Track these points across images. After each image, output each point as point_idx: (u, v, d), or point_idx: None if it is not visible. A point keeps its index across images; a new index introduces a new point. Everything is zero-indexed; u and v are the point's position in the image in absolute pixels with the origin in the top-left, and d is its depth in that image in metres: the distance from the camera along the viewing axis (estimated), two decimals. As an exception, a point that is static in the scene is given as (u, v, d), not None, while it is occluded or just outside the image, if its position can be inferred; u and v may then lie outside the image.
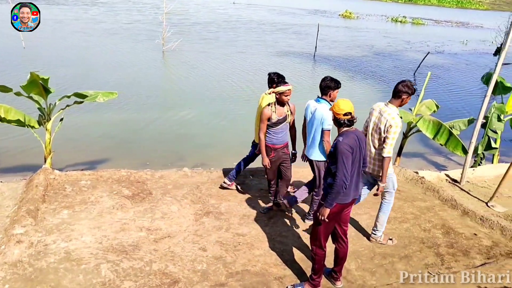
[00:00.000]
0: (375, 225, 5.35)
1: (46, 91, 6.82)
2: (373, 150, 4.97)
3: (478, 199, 6.79)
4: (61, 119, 7.32)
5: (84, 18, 25.99)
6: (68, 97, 7.10)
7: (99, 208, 5.40)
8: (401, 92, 4.83)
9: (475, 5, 65.93)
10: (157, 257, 4.59)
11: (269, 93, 5.32)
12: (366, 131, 5.07)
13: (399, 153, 8.68)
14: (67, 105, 7.22)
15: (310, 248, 4.30)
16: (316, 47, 21.88)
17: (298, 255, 4.92)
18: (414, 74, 19.04)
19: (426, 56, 20.19)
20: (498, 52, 7.28)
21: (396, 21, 41.85)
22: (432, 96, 10.47)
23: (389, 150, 4.79)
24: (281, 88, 5.22)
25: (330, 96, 5.18)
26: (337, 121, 4.03)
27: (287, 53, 21.32)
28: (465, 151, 7.25)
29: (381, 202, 5.33)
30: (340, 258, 4.39)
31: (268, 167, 5.45)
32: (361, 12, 45.52)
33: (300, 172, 7.10)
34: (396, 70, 19.80)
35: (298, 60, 19.94)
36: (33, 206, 5.18)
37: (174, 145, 9.58)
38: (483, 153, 8.59)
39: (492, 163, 8.86)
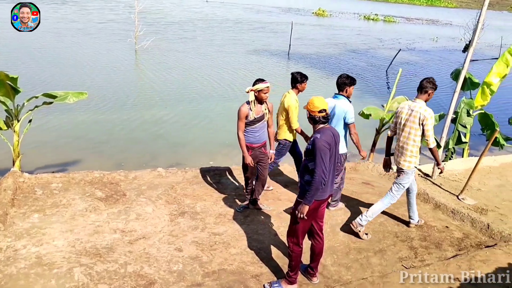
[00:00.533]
0: (366, 212, 5.39)
1: (14, 91, 6.63)
2: (405, 145, 5.28)
3: (450, 192, 6.94)
4: (30, 121, 7.13)
5: (54, 18, 25.39)
6: (37, 97, 6.92)
7: (71, 211, 5.29)
8: (427, 88, 5.17)
9: (445, 3, 67.44)
10: (132, 259, 4.52)
11: (247, 91, 5.30)
12: (395, 130, 5.45)
13: (372, 149, 8.79)
14: (36, 106, 7.04)
15: (287, 245, 4.31)
16: (290, 45, 21.98)
17: (274, 252, 4.93)
18: (386, 71, 19.34)
19: (398, 53, 20.54)
20: (466, 48, 7.47)
21: (369, 19, 42.43)
22: (404, 93, 10.63)
23: (432, 141, 5.15)
24: (259, 86, 5.20)
25: (346, 92, 5.55)
26: (312, 119, 4.06)
27: (262, 51, 21.35)
28: (437, 146, 7.40)
29: (388, 193, 5.48)
30: (316, 254, 4.41)
31: (251, 165, 5.42)
32: (334, 10, 45.98)
33: (276, 170, 7.13)
34: (369, 67, 20.08)
35: (273, 59, 19.99)
36: (2, 210, 5.03)
37: (148, 145, 9.46)
38: (453, 148, 8.78)
39: (462, 157, 9.07)
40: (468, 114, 8.38)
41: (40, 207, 5.31)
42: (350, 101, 5.62)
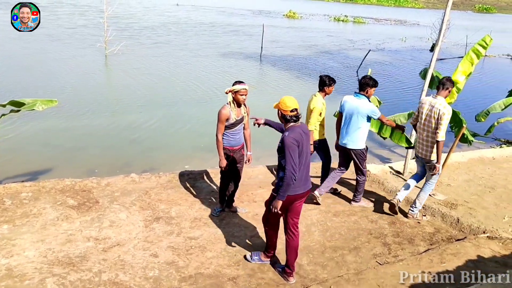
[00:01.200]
0: (414, 203, 6.03)
1: (-21, 100, 6.44)
2: (425, 137, 5.73)
3: (420, 188, 7.10)
4: (-3, 129, 6.94)
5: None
6: (4, 106, 6.74)
7: (42, 221, 5.17)
8: (448, 85, 5.66)
9: (412, 4, 68.91)
10: (106, 266, 4.46)
11: (226, 92, 5.33)
12: (416, 123, 5.92)
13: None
14: (3, 114, 6.85)
15: (264, 230, 4.69)
16: (262, 48, 22.07)
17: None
18: (357, 71, 19.62)
19: (367, 53, 20.88)
20: (433, 48, 7.69)
21: (339, 20, 42.96)
22: (375, 92, 10.82)
23: (442, 135, 5.53)
24: (236, 87, 5.20)
25: (367, 93, 5.89)
26: (284, 117, 4.21)
27: (234, 54, 21.35)
28: (409, 143, 7.55)
29: (425, 183, 5.99)
30: (291, 249, 4.48)
31: (224, 169, 5.42)
32: (305, 12, 46.34)
33: (250, 172, 7.15)
34: (341, 68, 20.34)
35: (245, 62, 20.02)
36: (-31, 222, 4.89)
37: (121, 151, 9.34)
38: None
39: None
40: (436, 112, 8.58)
41: (10, 218, 5.18)
42: (370, 101, 5.99)
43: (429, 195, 6.81)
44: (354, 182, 7.23)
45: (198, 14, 37.29)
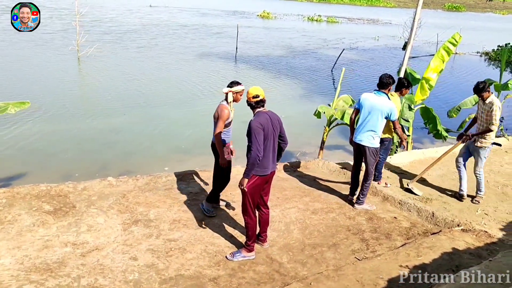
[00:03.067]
0: (479, 191, 6.71)
1: None
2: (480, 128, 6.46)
3: (396, 184, 7.25)
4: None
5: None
6: (-26, 111, 6.57)
7: (17, 227, 5.06)
8: (486, 87, 6.33)
9: (384, 3, 70.05)
10: (85, 271, 4.40)
11: (226, 93, 5.45)
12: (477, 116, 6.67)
13: (321, 147, 9.01)
14: (-26, 120, 6.69)
15: (243, 219, 4.88)
16: (237, 48, 22.09)
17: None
18: (331, 70, 19.85)
19: (341, 53, 21.14)
20: (406, 46, 7.89)
21: (312, 20, 43.34)
22: (349, 91, 10.99)
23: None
24: (238, 88, 5.42)
25: (389, 91, 6.06)
26: (249, 105, 4.64)
27: (210, 55, 21.31)
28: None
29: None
30: (263, 222, 5.04)
31: (224, 166, 5.57)
32: (278, 12, 46.58)
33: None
34: (315, 68, 20.54)
35: (220, 62, 20.02)
36: None
37: (97, 155, 9.22)
38: (398, 142, 9.16)
39: (407, 150, 9.48)
40: (410, 109, 8.77)
41: (-17, 225, 5.05)
42: (389, 99, 6.08)
43: (407, 186, 7.00)
44: (329, 181, 7.35)
45: (172, 15, 37.05)
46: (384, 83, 5.98)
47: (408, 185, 7.06)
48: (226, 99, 5.46)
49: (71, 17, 18.75)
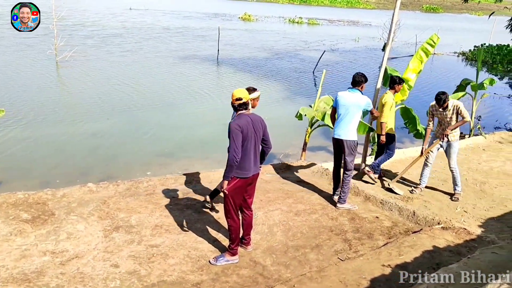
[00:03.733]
0: (456, 184, 6.89)
1: None
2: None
3: (378, 184, 7.32)
4: None
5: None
6: None
7: (-6, 237, 4.95)
8: (447, 98, 6.67)
9: (363, 5, 70.82)
10: (65, 280, 4.32)
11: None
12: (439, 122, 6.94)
13: (303, 148, 9.03)
14: None
15: (227, 222, 4.87)
16: (218, 51, 22.05)
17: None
18: (313, 72, 19.95)
19: (322, 54, 21.27)
20: (385, 47, 7.98)
21: (293, 22, 43.52)
22: (330, 92, 11.04)
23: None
24: (255, 94, 5.34)
25: (362, 88, 6.33)
26: (233, 106, 4.69)
27: (191, 58, 21.23)
28: (371, 130, 7.70)
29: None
30: (246, 225, 5.02)
31: None
32: (260, 14, 46.69)
33: (211, 175, 7.13)
34: (297, 69, 20.62)
35: (202, 65, 19.94)
36: None
37: (77, 161, 9.07)
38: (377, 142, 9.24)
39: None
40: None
41: (-42, 236, 4.92)
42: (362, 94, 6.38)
43: (389, 185, 7.08)
44: (311, 182, 7.37)
45: (152, 18, 36.81)
46: (356, 81, 6.30)
47: (389, 185, 7.13)
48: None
49: (51, 20, 18.41)
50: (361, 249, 5.33)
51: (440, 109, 6.78)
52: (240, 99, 4.60)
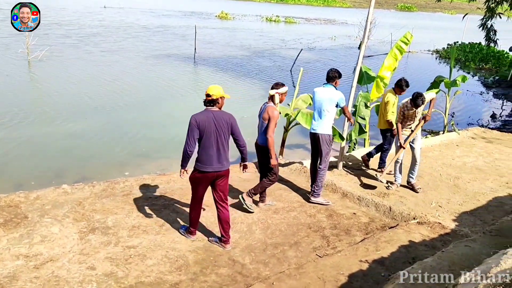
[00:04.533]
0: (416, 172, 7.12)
1: None
2: None
3: (355, 180, 7.40)
4: None
5: None
6: None
7: (-36, 242, 4.80)
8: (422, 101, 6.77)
9: (339, 3, 71.50)
10: (39, 284, 4.22)
11: (272, 94, 5.79)
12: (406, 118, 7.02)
13: (282, 146, 9.06)
14: None
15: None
16: (195, 49, 21.91)
17: (193, 258, 4.90)
18: (290, 70, 20.02)
19: (299, 53, 21.37)
20: (361, 45, 8.07)
21: (270, 20, 43.63)
22: (308, 90, 11.10)
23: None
24: (283, 89, 5.82)
25: (336, 84, 6.45)
26: (203, 101, 4.89)
27: (168, 56, 21.04)
28: (342, 138, 7.82)
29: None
30: (222, 221, 5.08)
31: (276, 166, 5.85)
32: (236, 12, 46.63)
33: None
34: (274, 68, 20.66)
35: (179, 64, 19.78)
36: None
37: (50, 162, 8.87)
38: (355, 139, 9.36)
39: (364, 146, 9.68)
40: (366, 107, 8.98)
41: None
42: (336, 89, 6.47)
43: (365, 186, 7.16)
44: (289, 180, 7.41)
45: (127, 17, 36.36)
46: (330, 77, 6.45)
47: (381, 181, 7.16)
48: (272, 100, 5.75)
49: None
50: (339, 245, 5.38)
51: (413, 108, 6.88)
52: (209, 95, 4.77)
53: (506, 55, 25.03)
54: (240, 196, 6.06)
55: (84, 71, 16.84)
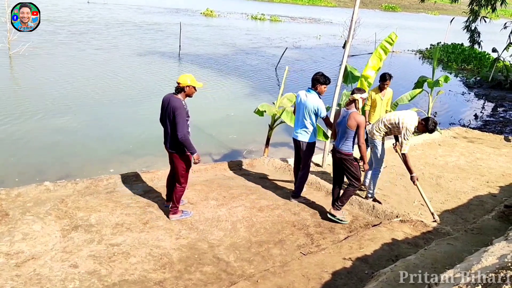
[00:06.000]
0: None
1: None
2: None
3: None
4: None
5: None
6: None
7: None
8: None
9: (325, 2, 71.78)
10: (20, 283, 4.16)
11: (357, 99, 5.63)
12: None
13: (266, 145, 9.08)
14: None
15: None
16: (180, 46, 21.79)
17: (177, 256, 4.87)
18: (275, 69, 20.05)
19: (284, 51, 21.41)
20: (346, 45, 8.14)
21: (256, 18, 43.59)
22: (293, 89, 11.14)
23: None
24: (365, 95, 5.74)
25: (317, 89, 6.11)
26: None
27: (152, 53, 20.86)
28: (326, 137, 7.87)
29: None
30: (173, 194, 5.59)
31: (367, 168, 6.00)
32: (222, 10, 46.47)
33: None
34: (259, 66, 20.66)
35: (164, 61, 19.64)
36: None
37: (32, 159, 8.73)
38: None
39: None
40: (350, 106, 9.02)
41: None
42: (320, 97, 6.18)
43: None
44: (274, 178, 7.42)
45: (112, 13, 35.92)
46: (312, 81, 6.18)
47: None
48: (354, 105, 5.60)
49: (4, 13, 17.56)
50: (323, 243, 5.42)
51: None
52: (178, 83, 5.27)
53: (487, 56, 25.47)
54: (328, 216, 5.95)
55: (67, 67, 16.60)
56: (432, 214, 6.24)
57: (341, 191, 5.98)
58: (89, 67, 16.80)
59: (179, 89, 5.27)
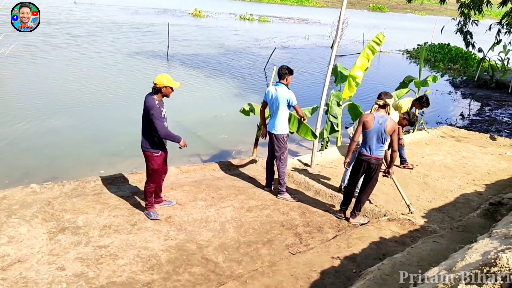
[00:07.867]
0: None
1: None
2: None
3: (327, 178, 7.49)
4: None
5: None
6: None
7: None
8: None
9: (313, 3, 72.03)
10: (6, 286, 4.11)
11: (388, 105, 5.63)
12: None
13: (255, 145, 9.08)
14: None
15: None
16: (168, 47, 21.70)
17: (165, 257, 4.86)
18: (264, 69, 20.06)
19: (273, 51, 21.44)
20: (333, 45, 8.20)
21: (244, 19, 43.59)
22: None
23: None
24: (392, 100, 5.68)
25: (286, 80, 6.32)
26: None
27: (140, 54, 20.76)
28: (314, 136, 7.89)
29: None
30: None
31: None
32: (210, 10, 46.41)
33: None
34: (248, 66, 20.67)
35: (152, 61, 19.55)
36: None
37: (18, 161, 8.63)
38: (328, 137, 9.46)
39: (337, 145, 9.81)
40: (338, 105, 9.08)
41: None
42: (289, 88, 6.37)
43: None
44: (263, 178, 7.43)
45: (99, 13, 35.67)
46: (280, 74, 6.34)
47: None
48: (385, 111, 5.57)
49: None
50: (311, 242, 5.44)
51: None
52: (154, 83, 5.29)
53: (473, 56, 25.76)
54: (350, 222, 5.99)
55: (55, 68, 16.45)
56: (408, 206, 6.40)
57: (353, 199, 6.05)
58: (76, 68, 16.66)
59: (156, 90, 5.26)
